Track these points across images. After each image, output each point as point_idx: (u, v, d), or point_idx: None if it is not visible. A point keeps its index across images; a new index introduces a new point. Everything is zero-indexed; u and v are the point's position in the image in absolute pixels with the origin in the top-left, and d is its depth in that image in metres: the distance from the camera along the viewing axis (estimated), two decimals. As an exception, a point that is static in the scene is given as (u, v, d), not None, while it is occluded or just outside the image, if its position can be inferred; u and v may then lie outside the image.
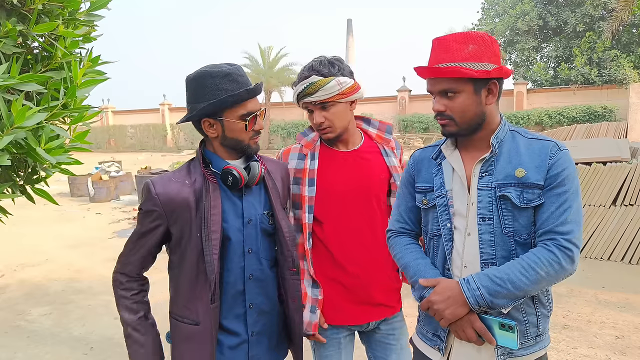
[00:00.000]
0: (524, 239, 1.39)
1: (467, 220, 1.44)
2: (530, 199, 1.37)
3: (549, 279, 1.32)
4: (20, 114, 1.47)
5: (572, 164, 1.40)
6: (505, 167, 1.40)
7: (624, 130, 14.88)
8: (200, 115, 1.50)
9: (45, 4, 1.73)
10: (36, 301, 4.88)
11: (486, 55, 1.37)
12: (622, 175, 5.76)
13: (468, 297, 1.34)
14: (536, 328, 1.43)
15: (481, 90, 1.40)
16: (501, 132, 1.44)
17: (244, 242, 1.55)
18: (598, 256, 5.63)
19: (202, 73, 1.49)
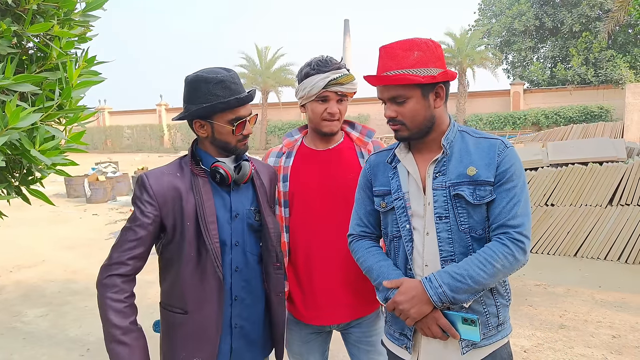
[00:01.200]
0: (479, 234, 1.46)
1: (425, 220, 1.50)
2: (482, 196, 1.43)
3: (504, 270, 1.38)
4: (14, 115, 1.47)
5: (518, 160, 1.46)
6: (457, 167, 1.46)
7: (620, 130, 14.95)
8: (192, 117, 1.60)
9: (40, 4, 1.72)
10: (32, 302, 4.86)
11: (431, 60, 1.43)
12: (618, 175, 5.78)
13: (431, 295, 1.39)
14: (497, 318, 1.49)
15: (429, 95, 1.45)
16: (451, 133, 1.50)
17: (231, 234, 1.63)
18: (594, 256, 5.64)
19: (198, 77, 1.58)
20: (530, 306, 4.34)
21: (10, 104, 1.47)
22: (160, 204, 1.55)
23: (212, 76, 1.56)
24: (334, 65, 1.82)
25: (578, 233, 5.81)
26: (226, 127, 1.59)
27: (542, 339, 3.67)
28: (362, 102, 27.84)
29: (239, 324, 1.64)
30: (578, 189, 5.95)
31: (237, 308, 1.64)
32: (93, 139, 32.45)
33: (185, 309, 1.58)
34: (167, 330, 1.64)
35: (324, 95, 1.79)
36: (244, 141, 1.65)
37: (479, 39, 25.42)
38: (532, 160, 6.57)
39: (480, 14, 29.54)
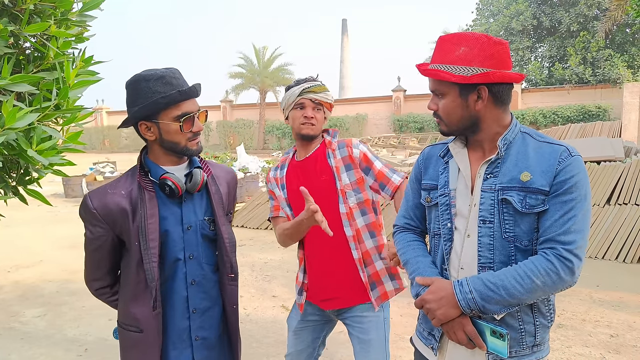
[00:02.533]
0: (524, 245, 1.36)
1: (468, 222, 1.42)
2: (532, 205, 1.33)
3: (545, 288, 1.28)
4: (11, 115, 1.46)
5: (583, 171, 1.33)
6: (511, 170, 1.36)
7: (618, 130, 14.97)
8: (135, 119, 1.52)
9: (36, 4, 1.71)
10: (30, 302, 4.85)
11: (477, 59, 1.33)
12: (616, 175, 5.79)
13: (459, 299, 1.33)
14: (533, 337, 1.39)
15: (468, 95, 1.37)
16: (510, 134, 1.40)
17: (184, 248, 1.58)
18: (592, 255, 5.65)
19: (137, 77, 1.51)
20: (528, 305, 4.35)
21: (7, 104, 1.47)
22: (110, 223, 1.52)
23: (151, 73, 1.49)
24: (309, 78, 2.08)
25: (576, 232, 5.82)
26: (172, 124, 1.50)
27: (540, 338, 3.68)
28: (361, 102, 27.87)
29: (200, 335, 1.61)
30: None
31: (197, 320, 1.61)
32: (91, 138, 32.39)
33: (140, 327, 1.55)
34: (124, 349, 1.61)
35: (300, 103, 2.02)
36: (195, 139, 1.56)
37: (477, 38, 25.41)
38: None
39: (478, 14, 29.55)
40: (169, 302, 1.57)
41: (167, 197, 1.56)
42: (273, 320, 4.14)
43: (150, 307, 1.52)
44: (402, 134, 24.43)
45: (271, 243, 6.99)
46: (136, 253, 1.51)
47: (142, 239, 1.49)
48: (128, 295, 1.57)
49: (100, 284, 1.64)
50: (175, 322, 1.58)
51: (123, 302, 1.60)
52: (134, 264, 1.52)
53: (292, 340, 2.25)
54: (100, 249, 1.55)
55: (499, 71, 1.33)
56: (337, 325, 4.02)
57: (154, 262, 1.49)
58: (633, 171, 5.73)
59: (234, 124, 29.83)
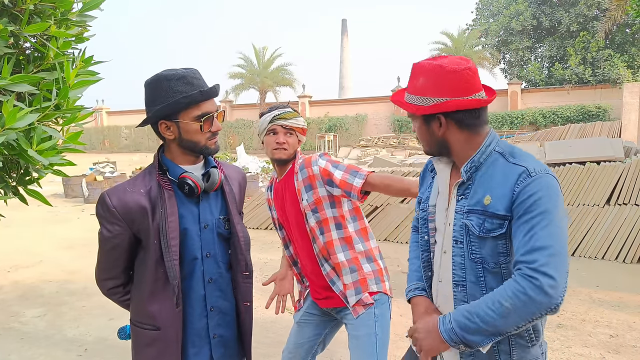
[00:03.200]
0: (491, 267, 1.36)
1: (444, 239, 1.46)
2: (489, 229, 1.33)
3: (518, 312, 1.22)
4: (11, 115, 1.46)
5: (546, 188, 1.28)
6: (477, 193, 1.37)
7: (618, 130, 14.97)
8: (156, 118, 1.52)
9: (36, 4, 1.71)
10: (30, 303, 4.85)
11: (431, 89, 1.37)
12: (616, 175, 5.79)
13: (442, 331, 1.33)
14: (508, 356, 1.38)
15: (430, 122, 1.42)
16: (478, 157, 1.40)
17: (202, 246, 1.59)
18: (592, 255, 5.65)
19: (158, 76, 1.52)
20: (528, 305, 4.34)
21: (8, 104, 1.47)
22: (128, 222, 1.51)
23: (172, 73, 1.50)
24: (280, 106, 2.22)
25: (576, 232, 5.82)
26: (193, 124, 1.51)
27: (540, 338, 3.68)
28: (361, 102, 27.86)
29: (218, 333, 1.63)
30: (576, 189, 5.96)
31: (215, 318, 1.62)
32: (91, 139, 32.39)
33: (157, 325, 1.55)
34: (138, 347, 1.60)
35: (272, 129, 2.15)
36: (214, 139, 1.58)
37: (477, 38, 25.46)
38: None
39: (478, 14, 29.57)
40: (188, 300, 1.58)
41: (185, 196, 1.57)
42: (273, 320, 4.14)
43: (170, 305, 1.53)
44: (402, 134, 24.42)
45: (271, 243, 6.99)
46: (155, 251, 1.51)
47: (162, 238, 1.50)
48: (144, 293, 1.56)
49: (114, 283, 1.64)
50: (193, 320, 1.60)
51: (138, 301, 1.59)
52: (151, 262, 1.53)
53: (293, 332, 2.35)
54: (118, 247, 1.54)
55: (453, 99, 1.35)
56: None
57: (175, 260, 1.50)
58: (633, 171, 5.72)
59: (234, 124, 29.83)
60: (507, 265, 1.35)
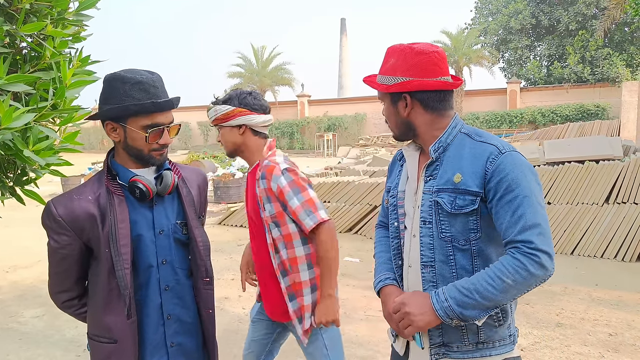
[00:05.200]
0: (461, 244, 1.40)
1: (413, 222, 1.50)
2: (461, 205, 1.38)
3: (518, 286, 1.29)
4: (7, 115, 1.45)
5: (518, 166, 1.35)
6: (447, 172, 1.42)
7: (617, 128, 15.00)
8: (103, 117, 1.47)
9: (32, 3, 1.70)
10: (29, 303, 4.84)
11: (401, 69, 1.44)
12: (614, 173, 5.80)
13: (437, 308, 1.35)
14: (475, 335, 1.43)
15: (397, 102, 1.48)
16: (445, 137, 1.46)
17: (157, 253, 1.53)
18: (591, 254, 5.65)
19: (116, 76, 1.46)
20: (527, 304, 4.34)
21: (3, 104, 1.46)
22: (77, 231, 1.45)
23: (130, 76, 1.44)
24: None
25: (575, 231, 5.82)
26: (139, 133, 1.45)
27: (539, 338, 3.68)
28: (360, 102, 27.85)
29: (176, 342, 1.57)
30: (575, 187, 5.96)
31: (172, 327, 1.56)
32: (89, 138, 32.36)
33: (113, 337, 1.48)
34: None
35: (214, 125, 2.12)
36: (161, 151, 1.51)
37: (476, 37, 25.46)
38: (529, 158, 6.58)
39: (477, 13, 29.57)
40: (143, 310, 1.52)
41: (137, 200, 1.51)
42: (272, 320, 4.14)
43: (124, 316, 1.46)
44: (401, 133, 24.40)
45: (270, 243, 6.98)
46: (107, 260, 1.45)
47: (112, 246, 1.43)
48: (99, 305, 1.50)
49: (68, 296, 1.58)
50: (150, 330, 1.53)
51: (93, 313, 1.53)
52: (104, 272, 1.46)
53: (250, 329, 2.35)
54: (68, 258, 1.49)
55: (418, 79, 1.42)
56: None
57: (127, 268, 1.44)
58: (632, 170, 5.73)
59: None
60: (477, 242, 1.40)
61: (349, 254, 6.27)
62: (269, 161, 2.01)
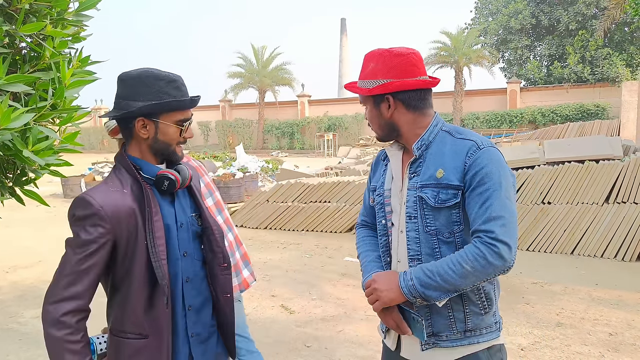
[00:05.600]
0: (446, 237, 1.48)
1: (400, 219, 1.56)
2: (444, 200, 1.45)
3: (476, 273, 1.37)
4: (6, 115, 1.45)
5: (495, 162, 1.42)
6: (429, 168, 1.49)
7: (617, 128, 15.00)
8: (138, 114, 1.49)
9: (32, 3, 1.70)
10: (29, 303, 4.84)
11: (381, 72, 1.50)
12: (614, 173, 5.79)
13: (402, 286, 1.44)
14: (463, 324, 1.49)
15: (380, 104, 1.53)
16: (427, 135, 1.53)
17: (179, 246, 1.57)
18: (591, 253, 5.65)
19: (148, 73, 1.49)
20: (527, 304, 4.34)
21: (3, 104, 1.46)
22: (114, 223, 1.43)
23: (163, 74, 1.50)
24: None
25: (575, 231, 5.82)
26: (173, 127, 1.51)
27: (539, 337, 3.68)
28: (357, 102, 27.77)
29: (195, 332, 1.61)
30: (574, 187, 5.96)
31: (192, 317, 1.60)
32: (90, 139, 32.39)
33: (145, 333, 1.49)
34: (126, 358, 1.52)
35: None
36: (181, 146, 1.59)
37: (476, 37, 25.44)
38: (529, 158, 6.58)
39: (477, 13, 29.57)
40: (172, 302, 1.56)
41: (162, 193, 1.55)
42: (272, 320, 4.14)
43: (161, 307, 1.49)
44: (401, 133, 24.39)
45: (270, 243, 6.99)
46: (142, 253, 1.46)
47: (149, 238, 1.46)
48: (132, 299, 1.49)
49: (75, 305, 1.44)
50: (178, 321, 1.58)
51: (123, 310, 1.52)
52: (140, 265, 1.47)
53: None
54: (95, 254, 1.43)
55: (399, 80, 1.48)
56: (336, 324, 4.02)
57: (163, 259, 1.47)
58: (632, 170, 5.72)
59: (233, 123, 29.81)
60: (461, 234, 1.48)
61: (349, 253, 6.27)
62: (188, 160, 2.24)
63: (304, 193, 7.69)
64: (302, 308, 4.44)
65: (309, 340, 3.75)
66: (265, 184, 11.34)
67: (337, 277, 5.36)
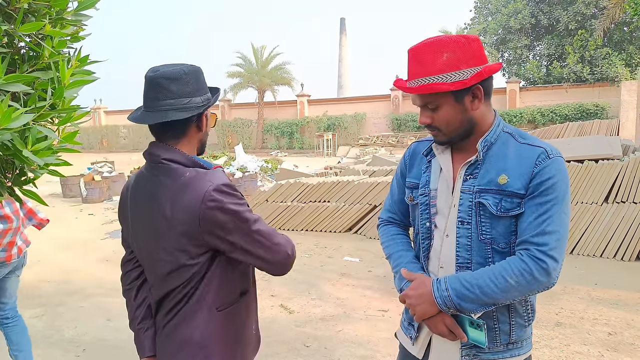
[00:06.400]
0: (501, 247, 1.37)
1: (447, 222, 1.44)
2: (508, 208, 1.34)
3: (520, 288, 1.29)
4: (6, 115, 1.45)
5: (562, 173, 1.33)
6: (489, 172, 1.37)
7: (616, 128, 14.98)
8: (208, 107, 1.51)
9: (31, 3, 1.70)
10: (28, 303, 4.83)
11: (463, 60, 1.31)
12: (614, 173, 5.79)
13: (436, 297, 1.35)
14: (507, 336, 1.42)
15: (464, 98, 1.36)
16: (491, 135, 1.40)
17: None
18: (591, 253, 5.66)
19: (195, 68, 1.51)
20: (526, 304, 4.34)
21: (2, 104, 1.46)
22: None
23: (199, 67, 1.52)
24: None
25: (574, 231, 5.82)
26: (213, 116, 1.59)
27: (539, 337, 3.68)
28: (360, 101, 27.84)
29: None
30: (574, 187, 5.96)
31: None
32: (89, 138, 32.36)
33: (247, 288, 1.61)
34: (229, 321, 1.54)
35: None
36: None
37: (475, 37, 25.43)
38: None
39: (476, 12, 29.56)
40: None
41: None
42: (272, 320, 4.14)
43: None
44: (401, 133, 24.42)
45: (269, 242, 6.98)
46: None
47: None
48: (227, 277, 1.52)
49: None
50: None
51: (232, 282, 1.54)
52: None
53: None
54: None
55: (487, 66, 1.34)
56: (336, 323, 4.02)
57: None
58: (631, 169, 5.72)
59: (232, 123, 29.80)
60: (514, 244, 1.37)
61: (349, 253, 6.27)
62: None
63: (303, 193, 7.69)
64: (301, 308, 4.44)
65: (309, 340, 3.75)
66: (264, 184, 11.33)
67: (337, 276, 5.35)
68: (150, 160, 1.52)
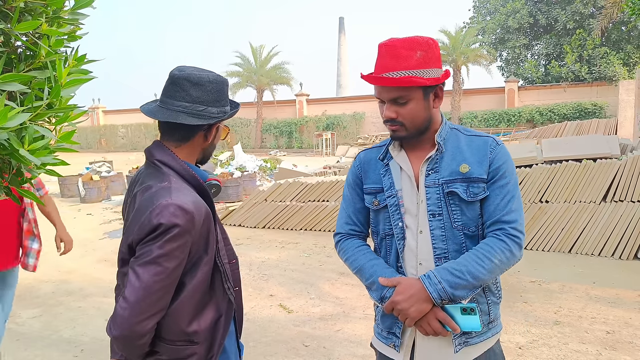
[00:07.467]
0: (472, 231, 1.47)
1: (418, 218, 1.49)
2: (476, 193, 1.45)
3: (502, 266, 1.40)
4: (2, 115, 1.44)
5: (510, 157, 1.48)
6: (450, 164, 1.47)
7: (614, 127, 15.03)
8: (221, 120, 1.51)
9: (27, 2, 1.70)
10: (26, 303, 4.83)
11: (433, 60, 1.42)
12: (612, 172, 5.80)
13: (431, 292, 1.37)
14: (487, 315, 1.50)
15: (429, 96, 1.46)
16: (444, 131, 1.51)
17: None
18: (589, 252, 5.66)
19: (221, 78, 1.50)
20: (525, 303, 4.35)
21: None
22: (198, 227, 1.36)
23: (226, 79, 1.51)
24: None
25: (572, 229, 5.83)
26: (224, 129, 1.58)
27: (537, 336, 3.68)
28: (359, 101, 27.84)
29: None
30: (572, 186, 5.97)
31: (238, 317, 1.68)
32: (87, 138, 32.34)
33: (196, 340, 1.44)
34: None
35: None
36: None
37: (474, 36, 25.47)
38: (527, 157, 6.59)
39: (475, 12, 29.59)
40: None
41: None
42: (270, 319, 4.13)
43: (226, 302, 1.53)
44: (399, 132, 24.38)
45: (269, 242, 6.98)
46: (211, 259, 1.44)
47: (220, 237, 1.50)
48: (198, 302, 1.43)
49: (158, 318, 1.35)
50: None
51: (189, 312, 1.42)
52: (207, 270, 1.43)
53: None
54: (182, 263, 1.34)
55: (446, 69, 1.49)
56: (335, 323, 4.02)
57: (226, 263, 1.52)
58: (629, 168, 5.73)
59: (231, 122, 29.77)
60: (482, 227, 1.49)
61: (347, 253, 6.27)
62: None
63: (303, 192, 7.69)
64: (300, 307, 4.44)
65: (308, 339, 3.75)
66: (263, 183, 11.33)
67: (336, 276, 5.35)
68: (147, 157, 1.53)
